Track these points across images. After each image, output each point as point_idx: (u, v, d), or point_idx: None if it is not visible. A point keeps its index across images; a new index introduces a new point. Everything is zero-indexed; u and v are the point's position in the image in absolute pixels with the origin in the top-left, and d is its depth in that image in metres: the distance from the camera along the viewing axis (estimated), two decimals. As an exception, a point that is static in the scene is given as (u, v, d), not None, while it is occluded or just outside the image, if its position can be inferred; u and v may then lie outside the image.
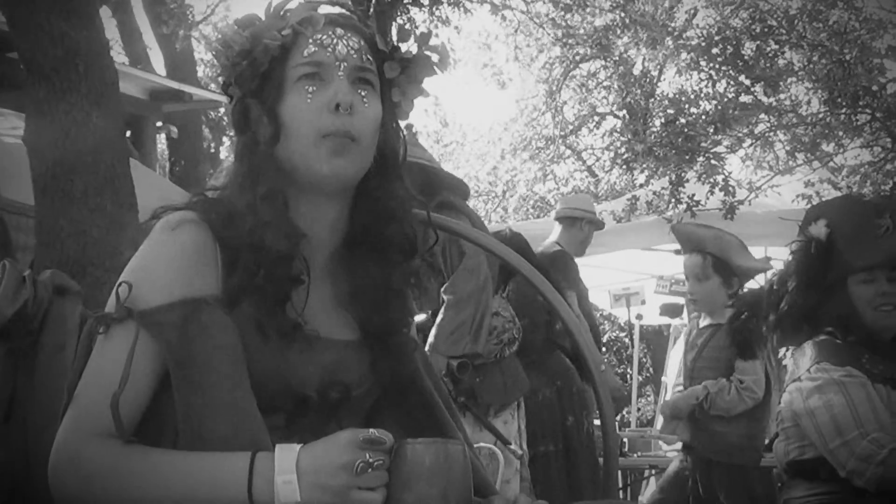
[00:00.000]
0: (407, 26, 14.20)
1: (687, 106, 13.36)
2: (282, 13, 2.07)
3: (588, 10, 16.78)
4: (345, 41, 2.05)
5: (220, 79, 2.15)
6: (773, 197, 10.79)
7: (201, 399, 1.82)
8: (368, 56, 2.09)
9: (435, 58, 2.19)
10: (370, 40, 2.13)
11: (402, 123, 2.21)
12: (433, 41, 2.19)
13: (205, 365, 1.83)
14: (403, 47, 2.18)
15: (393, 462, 1.80)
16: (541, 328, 6.35)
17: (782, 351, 4.14)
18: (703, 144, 11.46)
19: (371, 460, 1.76)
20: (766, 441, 7.04)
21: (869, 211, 3.88)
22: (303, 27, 2.04)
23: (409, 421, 2.15)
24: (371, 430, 1.80)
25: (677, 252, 12.27)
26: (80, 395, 1.89)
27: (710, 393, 5.76)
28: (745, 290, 5.85)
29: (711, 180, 10.70)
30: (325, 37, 2.04)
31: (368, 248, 2.12)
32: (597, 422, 7.69)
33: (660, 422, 7.68)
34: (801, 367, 3.80)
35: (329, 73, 2.03)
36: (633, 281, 11.88)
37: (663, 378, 11.30)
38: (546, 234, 10.74)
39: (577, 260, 7.60)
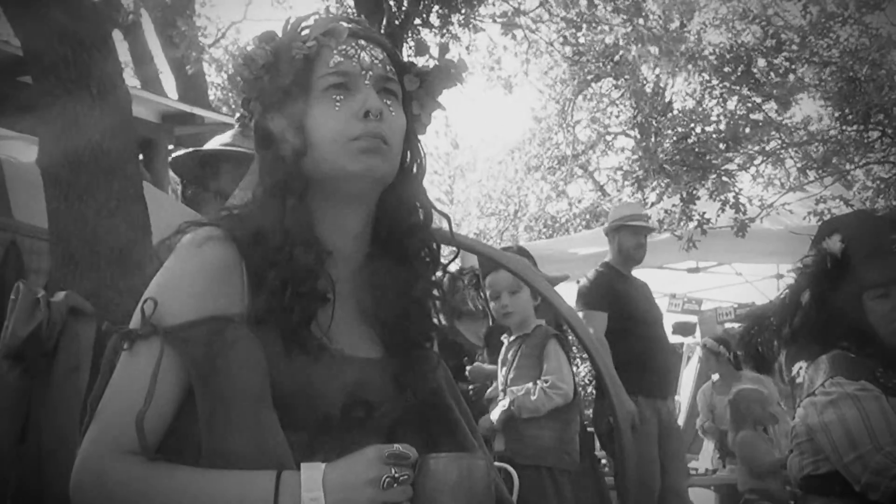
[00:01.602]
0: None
1: (698, 124, 13.37)
2: (299, 29, 2.10)
3: (598, 28, 16.77)
4: (368, 51, 2.08)
5: (239, 96, 2.16)
6: (784, 214, 10.78)
7: (225, 416, 1.83)
8: (391, 67, 2.12)
9: (452, 69, 2.22)
10: (391, 52, 2.16)
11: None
12: (448, 55, 2.22)
13: (229, 382, 1.84)
14: (420, 61, 2.21)
15: (417, 477, 1.82)
16: None
17: (795, 368, 4.13)
18: (714, 162, 11.44)
19: (396, 475, 1.78)
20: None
21: (883, 226, 3.88)
22: (327, 39, 2.07)
23: (429, 437, 2.16)
24: (395, 445, 1.82)
25: (690, 270, 12.30)
26: (103, 411, 1.89)
27: (516, 397, 5.75)
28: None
29: (722, 198, 10.69)
30: (349, 48, 2.06)
31: (391, 260, 2.14)
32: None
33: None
34: (816, 382, 3.81)
35: (356, 82, 2.06)
36: (645, 299, 11.87)
37: (677, 397, 11.32)
38: (556, 254, 10.78)
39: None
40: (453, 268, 4.96)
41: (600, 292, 7.29)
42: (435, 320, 2.27)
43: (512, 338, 6.15)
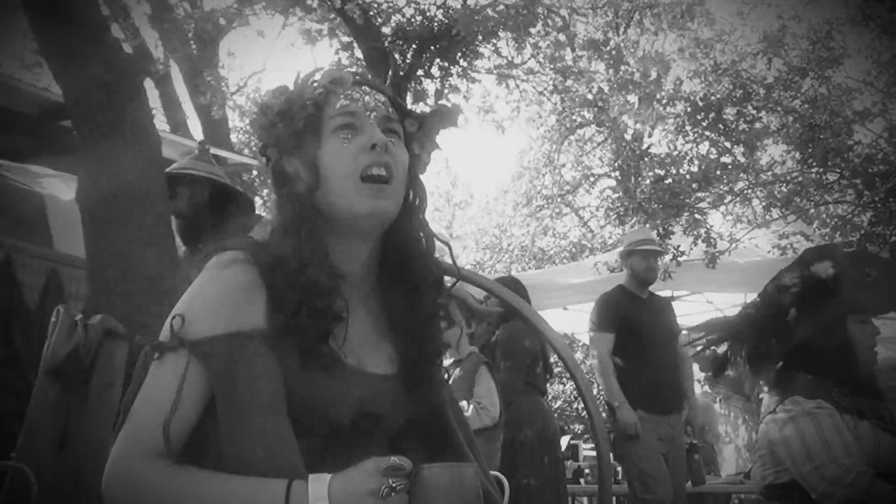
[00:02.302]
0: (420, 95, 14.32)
1: (673, 167, 13.45)
2: (309, 81, 2.13)
3: (584, 77, 16.86)
4: (372, 95, 2.12)
5: (256, 144, 2.19)
6: (750, 248, 10.83)
7: (242, 424, 1.85)
8: (392, 109, 2.16)
9: (447, 112, 2.25)
10: (392, 98, 2.20)
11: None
12: (445, 102, 2.26)
13: (247, 392, 1.86)
14: (418, 108, 2.24)
15: (412, 485, 1.83)
16: (523, 371, 6.40)
17: (758, 387, 4.14)
18: (687, 201, 11.51)
19: (394, 485, 1.79)
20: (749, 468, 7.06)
21: (857, 260, 3.92)
22: (334, 86, 2.11)
23: (428, 447, 2.18)
24: (392, 458, 1.83)
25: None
26: (133, 417, 1.90)
27: None
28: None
29: (695, 233, 10.75)
30: (353, 93, 2.10)
31: (399, 284, 2.16)
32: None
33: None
34: (775, 400, 3.84)
35: (362, 121, 2.09)
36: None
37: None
38: (545, 284, 10.79)
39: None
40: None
41: (607, 315, 7.07)
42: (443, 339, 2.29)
43: (449, 361, 6.17)
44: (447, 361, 6.17)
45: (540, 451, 6.15)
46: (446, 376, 5.91)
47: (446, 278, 2.29)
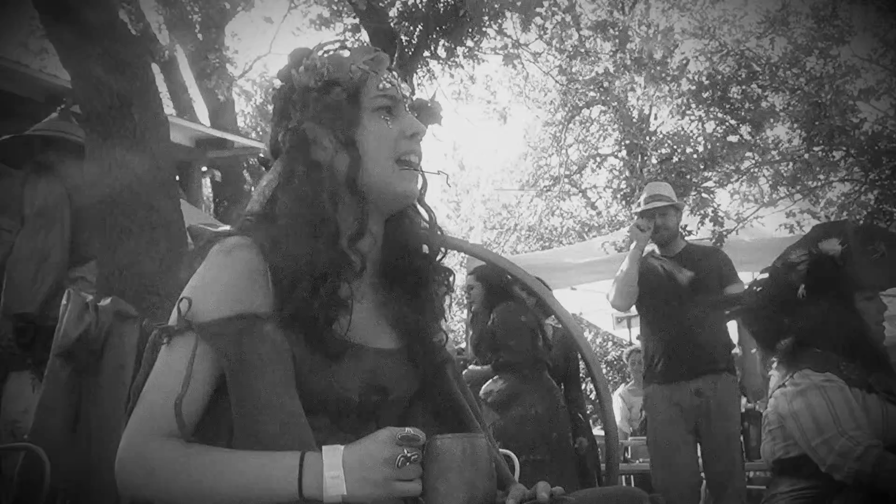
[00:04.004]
0: (427, 77, 14.31)
1: (680, 145, 13.42)
2: (327, 52, 2.14)
3: (590, 57, 16.82)
4: (400, 82, 2.14)
5: (263, 127, 2.19)
6: (758, 227, 10.82)
7: (253, 402, 1.86)
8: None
9: (431, 109, 2.29)
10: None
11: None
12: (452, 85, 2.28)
13: (256, 372, 1.87)
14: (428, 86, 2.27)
15: (426, 455, 1.86)
16: (528, 348, 6.32)
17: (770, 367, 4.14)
18: (694, 180, 11.50)
19: (409, 455, 1.81)
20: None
21: (866, 236, 3.91)
22: (375, 64, 2.13)
23: (437, 420, 2.19)
24: (407, 428, 1.84)
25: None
26: (145, 398, 1.91)
27: None
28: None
29: (702, 212, 10.74)
30: (390, 76, 2.12)
31: (403, 262, 2.18)
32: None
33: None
34: (786, 374, 3.85)
35: (398, 107, 2.13)
36: (633, 304, 11.86)
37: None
38: (552, 264, 10.78)
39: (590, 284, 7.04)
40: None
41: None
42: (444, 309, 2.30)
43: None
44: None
45: (549, 427, 6.12)
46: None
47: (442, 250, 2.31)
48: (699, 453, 6.23)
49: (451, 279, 2.28)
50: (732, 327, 6.58)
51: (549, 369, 6.54)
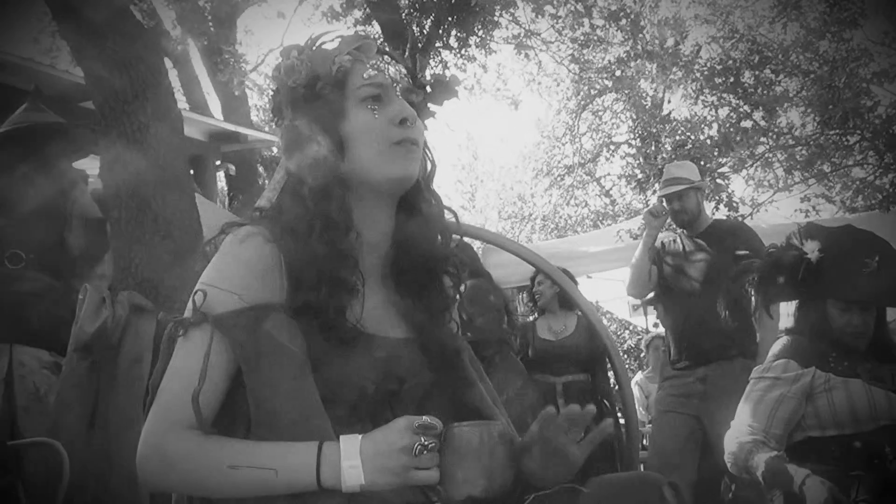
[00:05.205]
0: (439, 67, 14.29)
1: (693, 132, 13.39)
2: (320, 45, 2.13)
3: (602, 45, 16.77)
4: (393, 66, 2.13)
5: (272, 106, 2.19)
6: (772, 211, 10.77)
7: (270, 392, 1.86)
8: (410, 81, 2.18)
9: (448, 83, 2.28)
10: (409, 69, 2.21)
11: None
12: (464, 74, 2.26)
13: (272, 362, 1.87)
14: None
15: (443, 444, 1.86)
16: (494, 328, 6.20)
17: None
18: (708, 166, 11.45)
19: (426, 443, 1.82)
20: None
21: (860, 247, 3.87)
22: (360, 53, 2.12)
23: (455, 408, 2.17)
24: (424, 416, 1.85)
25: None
26: (163, 392, 1.92)
27: None
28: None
29: (717, 198, 10.69)
30: (378, 62, 2.10)
31: (412, 249, 2.16)
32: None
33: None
34: (769, 359, 3.92)
35: (388, 93, 2.10)
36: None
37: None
38: (567, 252, 10.77)
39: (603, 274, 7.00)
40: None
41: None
42: (453, 293, 2.29)
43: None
44: None
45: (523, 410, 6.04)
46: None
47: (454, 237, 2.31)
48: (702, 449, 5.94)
49: (461, 270, 2.27)
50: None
51: (514, 351, 6.53)
